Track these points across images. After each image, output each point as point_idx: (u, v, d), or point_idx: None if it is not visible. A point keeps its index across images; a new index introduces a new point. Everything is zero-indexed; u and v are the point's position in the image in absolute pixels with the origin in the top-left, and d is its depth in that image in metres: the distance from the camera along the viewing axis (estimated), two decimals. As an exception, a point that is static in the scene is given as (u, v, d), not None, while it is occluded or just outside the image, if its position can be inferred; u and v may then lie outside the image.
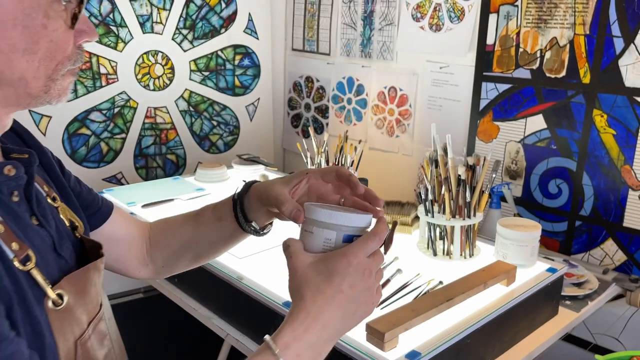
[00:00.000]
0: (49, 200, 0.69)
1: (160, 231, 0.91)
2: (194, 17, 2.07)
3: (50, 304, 0.58)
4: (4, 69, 0.55)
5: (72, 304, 0.62)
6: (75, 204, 0.76)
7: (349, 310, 0.61)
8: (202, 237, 0.86)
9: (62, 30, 0.57)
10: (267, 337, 0.60)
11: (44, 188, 0.70)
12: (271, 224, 0.84)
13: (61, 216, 0.70)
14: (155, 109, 2.07)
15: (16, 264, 0.56)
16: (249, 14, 2.20)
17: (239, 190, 0.83)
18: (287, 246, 0.64)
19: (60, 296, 0.60)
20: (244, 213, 0.81)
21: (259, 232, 0.83)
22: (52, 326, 0.58)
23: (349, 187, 0.72)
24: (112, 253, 0.87)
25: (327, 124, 2.22)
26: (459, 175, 1.26)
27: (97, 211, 0.84)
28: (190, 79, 2.12)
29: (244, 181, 0.87)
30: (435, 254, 1.30)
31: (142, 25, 1.97)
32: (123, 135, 2.02)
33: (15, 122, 0.70)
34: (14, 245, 0.56)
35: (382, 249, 0.70)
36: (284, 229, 1.42)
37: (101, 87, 1.93)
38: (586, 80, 1.45)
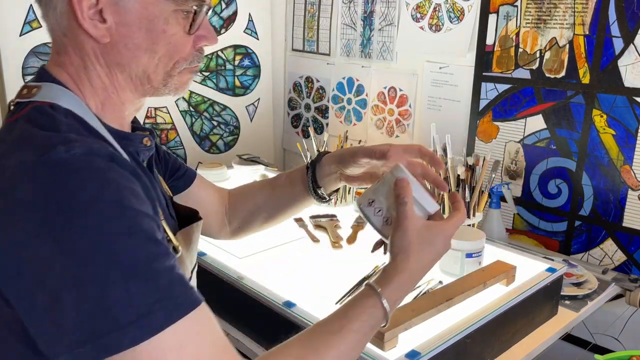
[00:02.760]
0: (155, 171, 0.80)
1: (239, 195, 1.03)
2: (194, 17, 2.07)
3: (171, 250, 0.64)
4: (130, 63, 0.66)
5: (184, 254, 0.73)
6: (164, 177, 0.88)
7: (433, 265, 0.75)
8: (274, 200, 0.98)
9: (180, 35, 0.67)
10: (371, 281, 0.71)
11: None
12: (337, 191, 0.97)
13: (163, 186, 0.81)
14: (155, 109, 2.07)
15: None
16: (249, 14, 2.20)
17: (313, 158, 0.95)
18: (405, 202, 0.72)
19: (175, 248, 0.69)
20: (315, 178, 0.92)
21: (323, 198, 0.95)
22: None
23: (432, 163, 0.82)
24: None
25: (327, 124, 2.23)
26: (459, 175, 1.26)
27: (183, 175, 0.95)
28: (190, 79, 2.12)
29: (319, 151, 1.00)
30: (435, 254, 1.30)
31: (142, 25, 1.97)
32: (123, 136, 2.02)
33: None
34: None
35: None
36: (285, 231, 1.43)
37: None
38: (586, 80, 1.45)
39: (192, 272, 0.78)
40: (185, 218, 0.81)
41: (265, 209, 1.00)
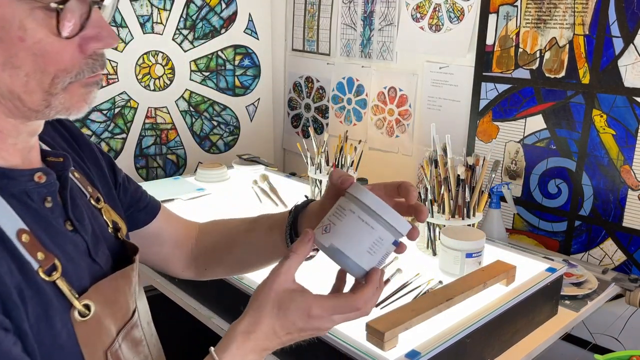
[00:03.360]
0: (92, 202, 0.69)
1: (210, 233, 0.90)
2: (194, 17, 2.07)
3: (76, 314, 0.58)
4: None
5: (100, 313, 0.60)
6: (119, 205, 0.76)
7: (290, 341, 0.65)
8: (249, 242, 0.84)
9: (48, 41, 0.52)
10: (212, 349, 0.63)
11: (88, 189, 0.69)
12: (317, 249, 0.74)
13: (104, 217, 0.70)
14: (155, 109, 2.07)
15: (41, 274, 0.55)
16: (249, 14, 2.20)
17: (299, 202, 0.80)
18: (288, 257, 0.63)
19: (87, 306, 0.59)
20: (295, 227, 0.77)
21: None
22: (78, 337, 0.58)
23: (405, 194, 0.68)
24: (157, 252, 0.87)
25: (327, 124, 2.23)
26: (459, 175, 1.26)
27: (145, 208, 0.84)
28: (190, 79, 2.12)
29: (306, 197, 0.85)
30: (435, 253, 1.30)
31: (142, 25, 1.98)
32: (123, 136, 2.02)
33: (68, 120, 0.73)
34: (40, 255, 0.56)
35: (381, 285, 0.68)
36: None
37: (102, 87, 1.93)
38: (585, 80, 1.45)
39: (120, 330, 0.64)
40: (125, 259, 0.70)
41: (236, 254, 0.86)
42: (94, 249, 0.64)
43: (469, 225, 1.28)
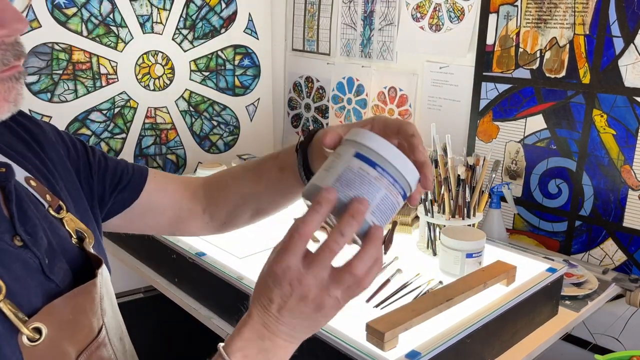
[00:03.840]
0: (52, 212, 0.63)
1: (219, 185, 0.84)
2: (194, 17, 2.07)
3: (24, 340, 0.52)
4: None
5: (54, 336, 0.54)
6: (85, 207, 0.70)
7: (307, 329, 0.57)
8: (262, 191, 0.79)
9: None
10: (221, 345, 0.57)
11: (47, 198, 0.63)
12: None
13: (67, 227, 0.63)
14: (155, 109, 2.07)
15: None
16: (249, 14, 2.20)
17: (302, 138, 0.73)
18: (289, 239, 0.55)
19: (38, 330, 0.53)
20: (306, 163, 0.71)
21: None
22: None
23: (409, 149, 0.58)
24: (161, 221, 0.82)
25: (327, 124, 2.22)
26: (459, 175, 1.26)
27: (128, 185, 0.78)
28: (190, 79, 2.12)
29: (309, 129, 0.79)
30: (435, 253, 1.30)
31: (142, 25, 1.97)
32: (123, 135, 2.02)
33: (27, 117, 0.68)
34: None
35: (382, 248, 0.62)
36: (285, 230, 1.42)
37: (101, 87, 1.93)
38: (586, 80, 1.45)
39: (81, 353, 0.58)
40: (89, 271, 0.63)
41: (252, 202, 0.81)
42: (48, 265, 0.57)
43: (469, 225, 1.28)
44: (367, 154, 0.53)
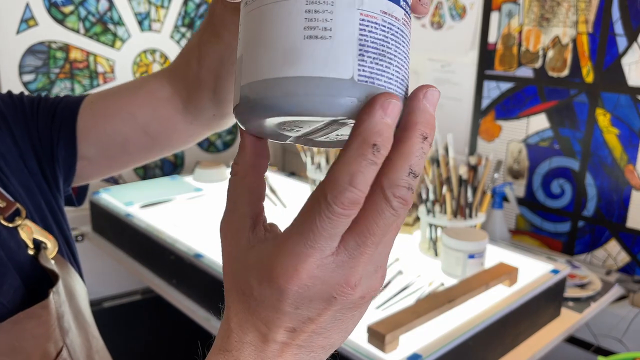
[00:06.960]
0: (1, 221, 0.53)
1: (180, 72, 0.61)
2: (192, 15, 2.06)
3: None
4: None
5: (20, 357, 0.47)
6: (53, 207, 0.60)
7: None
8: (220, 50, 0.55)
9: None
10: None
11: None
12: None
13: (22, 237, 0.54)
14: (153, 108, 2.05)
15: None
16: (249, 12, 2.18)
17: None
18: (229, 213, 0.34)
19: None
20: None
21: None
22: None
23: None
24: (137, 144, 0.63)
25: (327, 124, 2.21)
26: (461, 175, 1.25)
27: (62, 122, 0.61)
28: (189, 78, 2.11)
29: None
30: (436, 254, 1.29)
31: (140, 23, 1.96)
32: (121, 135, 2.01)
33: None
34: None
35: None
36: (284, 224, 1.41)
37: (98, 85, 1.92)
38: (589, 79, 1.43)
39: None
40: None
41: (225, 77, 0.57)
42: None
43: (472, 225, 1.27)
44: None
